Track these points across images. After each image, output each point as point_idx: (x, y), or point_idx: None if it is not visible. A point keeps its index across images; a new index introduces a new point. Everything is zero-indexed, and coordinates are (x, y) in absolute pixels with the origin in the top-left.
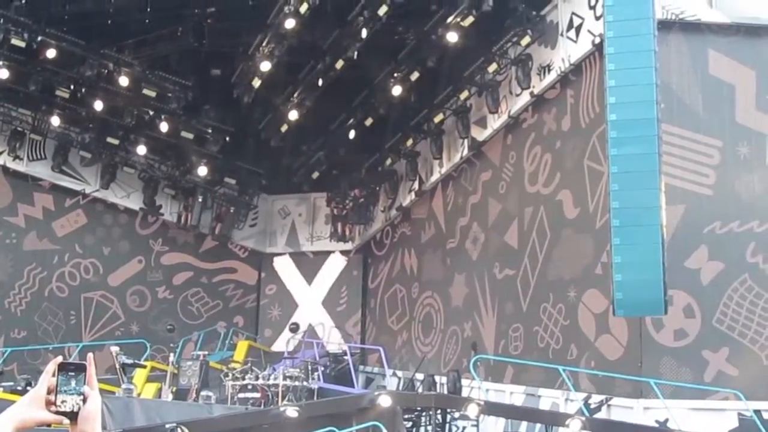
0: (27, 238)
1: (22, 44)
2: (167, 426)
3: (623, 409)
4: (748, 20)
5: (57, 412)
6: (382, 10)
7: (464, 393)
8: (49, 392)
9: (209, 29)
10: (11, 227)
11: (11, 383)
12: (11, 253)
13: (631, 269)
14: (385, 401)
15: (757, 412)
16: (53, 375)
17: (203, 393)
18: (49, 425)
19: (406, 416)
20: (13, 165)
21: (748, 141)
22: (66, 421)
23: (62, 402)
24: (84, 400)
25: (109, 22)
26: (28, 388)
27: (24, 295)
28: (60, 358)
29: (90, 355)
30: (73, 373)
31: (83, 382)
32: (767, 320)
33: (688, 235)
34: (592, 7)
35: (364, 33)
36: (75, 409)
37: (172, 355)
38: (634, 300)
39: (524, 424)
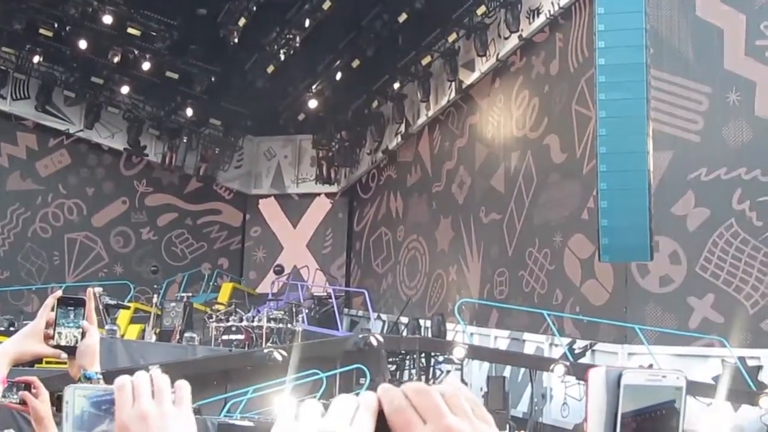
0: (10, 178)
1: None
2: (150, 367)
3: (607, 355)
4: None
5: (55, 346)
6: None
7: (449, 337)
8: (47, 326)
9: None
10: None
11: None
12: None
13: (618, 215)
14: (369, 344)
15: (741, 359)
16: (52, 309)
17: (187, 334)
18: (45, 358)
19: (390, 359)
20: None
21: (737, 87)
22: (64, 355)
23: (60, 335)
24: (82, 335)
25: None
26: (11, 329)
27: (7, 236)
28: (59, 292)
29: (90, 290)
30: (72, 308)
31: (82, 316)
32: (753, 267)
33: (674, 181)
34: None
35: None
36: (73, 343)
37: (155, 296)
38: (620, 245)
39: (508, 368)
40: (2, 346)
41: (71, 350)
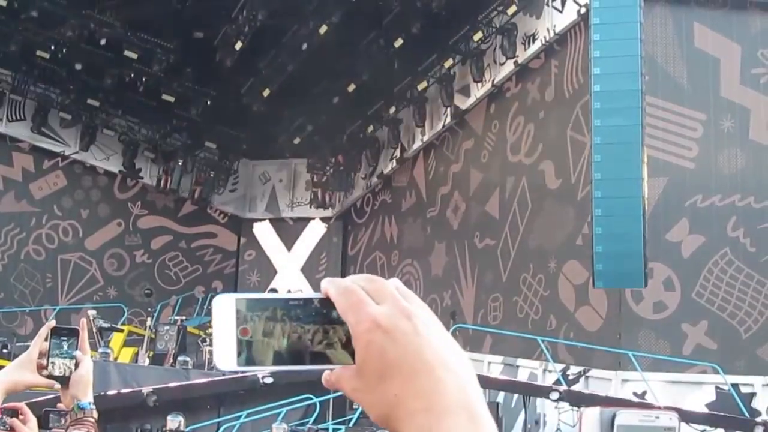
0: (5, 199)
1: (3, 3)
2: (143, 391)
3: (601, 381)
4: None
5: (48, 376)
6: None
7: None
8: (40, 356)
9: None
10: None
11: None
12: None
13: (612, 241)
14: None
15: (735, 385)
16: (45, 339)
17: (180, 358)
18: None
19: None
20: None
21: (732, 115)
22: (57, 385)
23: (54, 366)
24: (76, 365)
25: None
26: (4, 350)
27: (1, 257)
28: (53, 322)
29: (83, 320)
30: (65, 338)
31: (75, 346)
32: (746, 294)
33: (669, 208)
34: None
35: None
36: (66, 373)
37: (149, 319)
38: (614, 272)
39: (502, 394)
40: None
41: (64, 380)
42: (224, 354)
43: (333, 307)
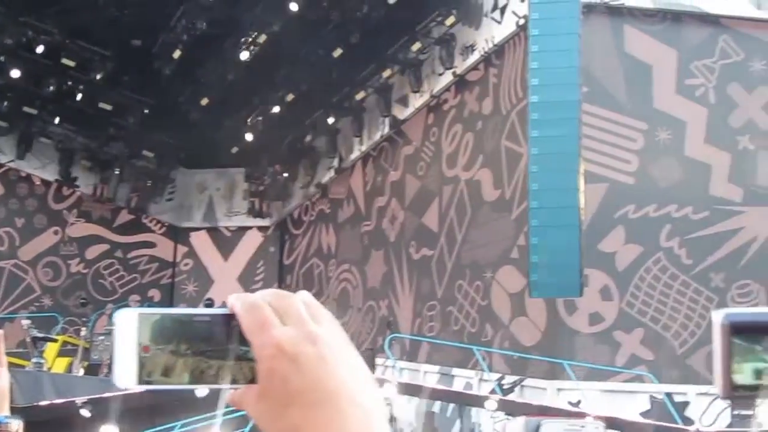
0: None
1: None
2: (77, 401)
3: (537, 390)
4: (671, 5)
5: None
6: None
7: (378, 372)
8: None
9: None
10: None
11: None
12: None
13: (548, 251)
14: None
15: (669, 395)
16: None
17: None
18: None
19: None
20: None
21: (668, 126)
22: None
23: None
24: None
25: None
26: None
27: None
28: None
29: (0, 331)
30: None
31: None
32: (681, 304)
33: (605, 218)
34: None
35: (291, 7)
36: None
37: (84, 329)
38: (550, 281)
39: (438, 404)
40: None
41: None
42: (124, 371)
43: (239, 324)
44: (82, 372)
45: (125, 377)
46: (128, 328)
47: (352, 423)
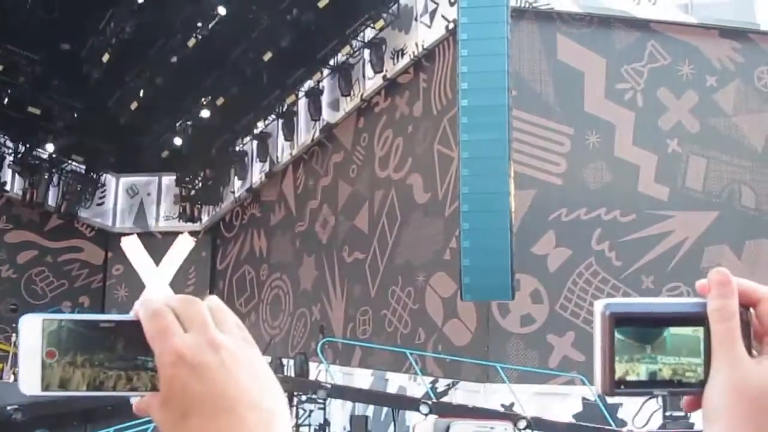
0: None
1: None
2: (8, 408)
3: (470, 393)
4: (600, 10)
5: None
6: None
7: (312, 376)
8: None
9: (60, 1)
10: None
11: None
12: None
13: (480, 254)
14: None
15: (601, 396)
16: None
17: None
18: None
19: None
20: None
21: (597, 129)
22: None
23: None
24: None
25: None
26: None
27: None
28: None
29: None
30: None
31: None
32: None
33: (536, 222)
34: None
35: (220, 11)
36: None
37: (14, 335)
38: (482, 285)
39: (371, 408)
40: None
41: None
42: (28, 377)
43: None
44: (12, 378)
45: (29, 384)
46: (33, 334)
47: (251, 429)
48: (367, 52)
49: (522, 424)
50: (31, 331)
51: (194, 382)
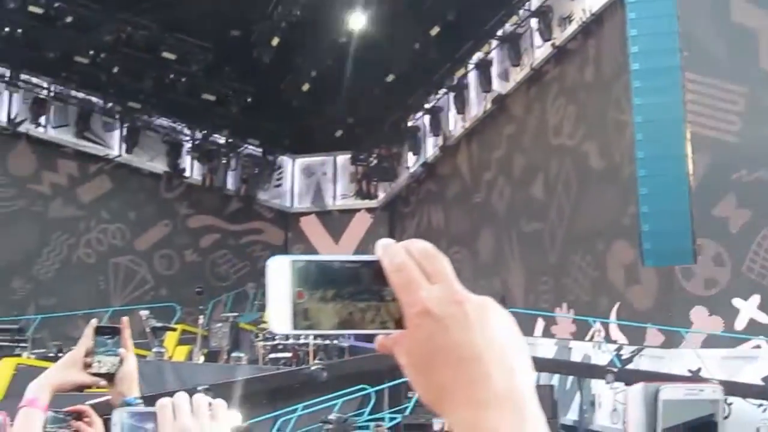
0: (53, 205)
1: (40, 11)
2: (199, 388)
3: (655, 359)
4: None
5: (94, 374)
6: None
7: None
8: (86, 355)
9: None
10: (37, 195)
11: (42, 350)
12: (38, 221)
13: (659, 219)
14: None
15: None
16: (90, 338)
17: (234, 354)
18: (87, 387)
19: None
20: (35, 133)
21: None
22: (103, 382)
23: (99, 364)
24: (120, 362)
25: None
26: (60, 354)
27: (52, 263)
28: (95, 321)
29: (125, 318)
30: (109, 336)
31: (119, 344)
32: None
33: (715, 183)
34: None
35: None
36: (112, 371)
37: (201, 317)
38: (663, 250)
39: (556, 377)
40: (43, 376)
41: (110, 377)
42: (279, 317)
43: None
44: (202, 359)
45: (280, 324)
46: (282, 275)
47: (496, 380)
48: (534, 21)
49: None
50: (280, 273)
51: (440, 334)
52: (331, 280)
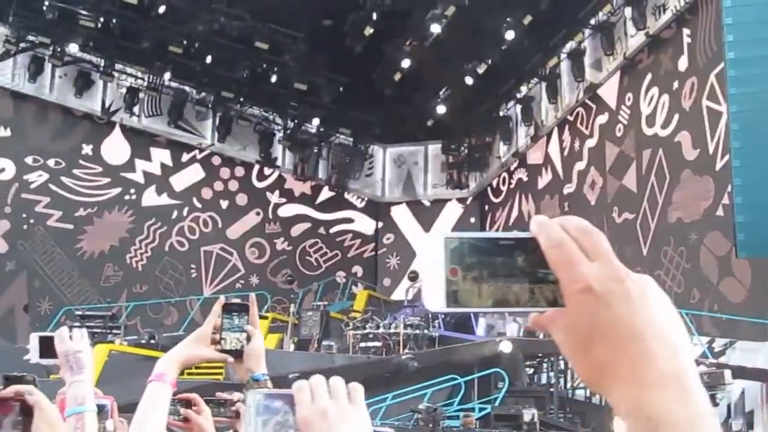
0: (146, 194)
1: (134, 1)
2: (290, 376)
3: (749, 353)
4: None
5: (222, 350)
6: None
7: None
8: (214, 331)
9: None
10: (130, 183)
11: (135, 337)
12: (131, 209)
13: (754, 210)
14: (506, 348)
15: None
16: (218, 315)
17: (324, 343)
18: (215, 363)
19: (527, 363)
20: (129, 122)
21: None
22: (230, 359)
23: (226, 340)
24: (248, 338)
25: None
26: (152, 341)
27: (145, 251)
28: (223, 298)
29: (252, 295)
30: (236, 313)
31: (246, 321)
32: None
33: None
34: None
35: None
36: (239, 347)
37: (292, 306)
38: (758, 241)
39: None
40: (172, 351)
41: (237, 354)
42: (433, 295)
43: (540, 248)
44: (292, 347)
45: (434, 301)
46: (435, 253)
47: (659, 359)
48: (627, 9)
49: None
50: (434, 250)
51: (602, 312)
52: (484, 258)
